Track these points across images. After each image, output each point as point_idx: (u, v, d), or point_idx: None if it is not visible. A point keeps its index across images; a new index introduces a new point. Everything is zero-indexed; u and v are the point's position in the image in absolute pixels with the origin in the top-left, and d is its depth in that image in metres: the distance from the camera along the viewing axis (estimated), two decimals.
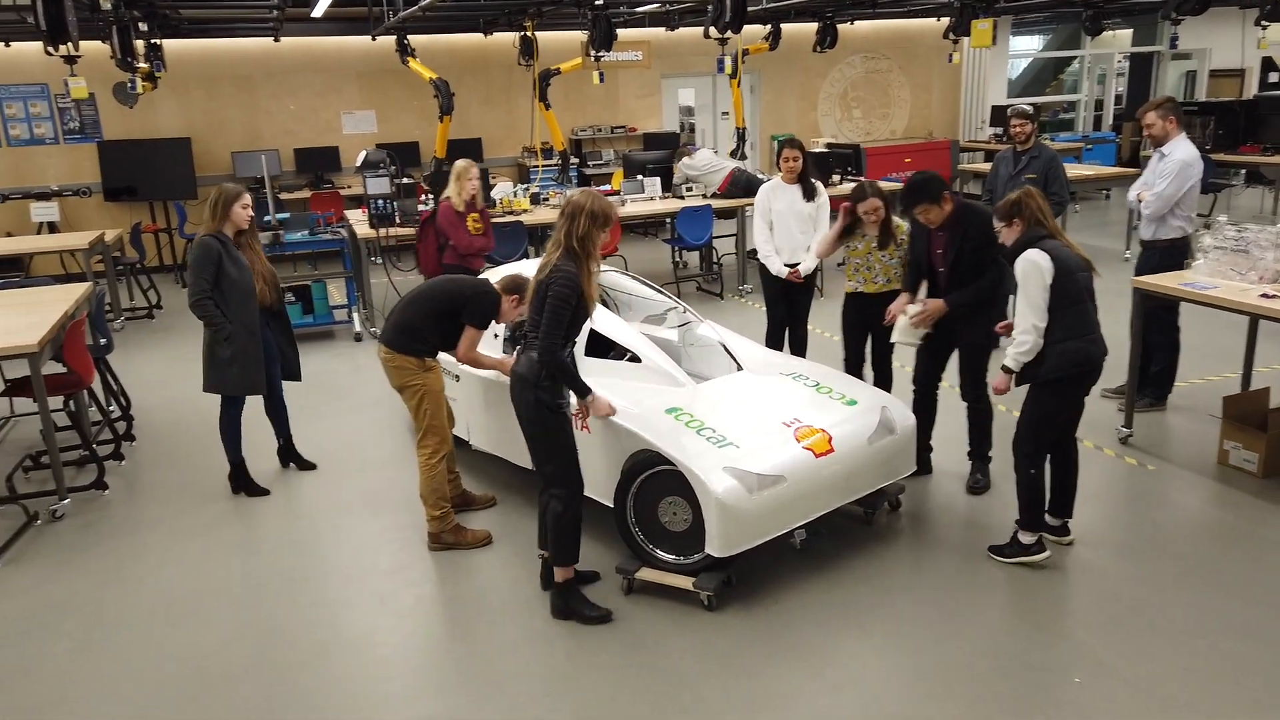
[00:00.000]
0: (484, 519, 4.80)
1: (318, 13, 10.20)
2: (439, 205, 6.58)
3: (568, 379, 3.80)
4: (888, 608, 3.91)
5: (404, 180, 8.70)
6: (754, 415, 4.29)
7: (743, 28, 6.74)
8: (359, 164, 9.12)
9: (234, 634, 3.92)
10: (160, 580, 4.37)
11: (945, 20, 10.26)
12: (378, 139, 12.20)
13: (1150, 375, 5.84)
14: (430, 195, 9.12)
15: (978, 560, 4.24)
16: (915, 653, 3.61)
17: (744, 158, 11.02)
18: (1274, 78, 15.46)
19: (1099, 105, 17.06)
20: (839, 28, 12.04)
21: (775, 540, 3.99)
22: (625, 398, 4.38)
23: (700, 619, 3.86)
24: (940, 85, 15.45)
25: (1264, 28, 9.96)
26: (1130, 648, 3.58)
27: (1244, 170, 12.60)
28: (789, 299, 6.03)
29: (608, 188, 10.35)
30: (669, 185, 9.82)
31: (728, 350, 5.00)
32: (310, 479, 5.43)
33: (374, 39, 11.51)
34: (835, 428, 4.23)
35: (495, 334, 5.02)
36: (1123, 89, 17.37)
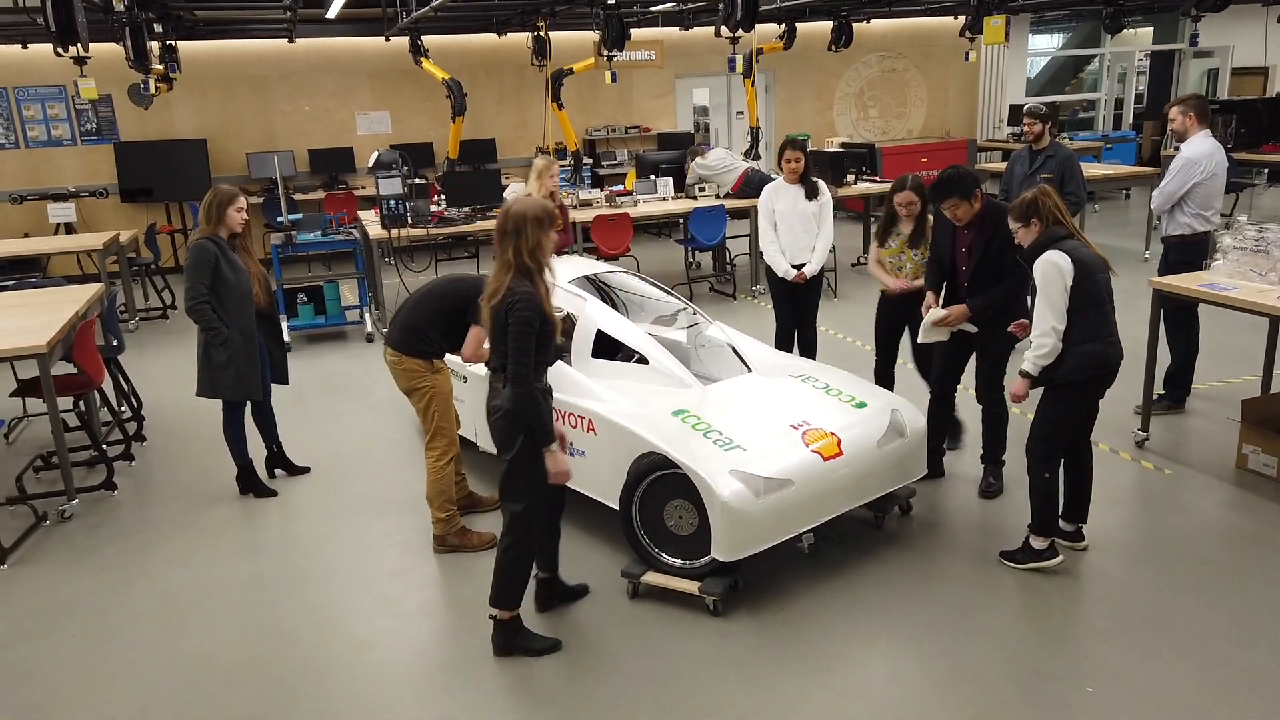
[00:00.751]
0: (490, 521, 4.77)
1: (332, 14, 10.21)
2: None
3: (535, 418, 3.43)
4: (897, 613, 3.85)
5: (416, 181, 8.71)
6: (762, 418, 4.24)
7: (754, 26, 6.69)
8: (371, 164, 9.13)
9: (237, 636, 3.90)
10: (165, 581, 4.37)
11: (962, 19, 10.16)
12: (392, 140, 12.22)
13: (1166, 374, 5.75)
14: (443, 196, 9.12)
15: (989, 566, 4.17)
16: (924, 660, 3.55)
17: (758, 157, 10.96)
18: None
19: (1119, 104, 16.87)
20: (854, 27, 11.96)
21: (783, 545, 3.94)
22: (632, 399, 4.35)
23: (706, 624, 3.82)
24: (957, 84, 15.33)
25: None
26: (1144, 656, 3.51)
27: (1266, 169, 12.43)
28: (795, 300, 5.99)
29: (620, 187, 10.33)
30: (682, 185, 9.78)
31: (736, 352, 4.95)
32: (317, 481, 5.42)
33: (388, 39, 11.53)
34: (844, 430, 4.17)
35: None
36: (1143, 87, 17.18)
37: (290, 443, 5.59)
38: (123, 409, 6.21)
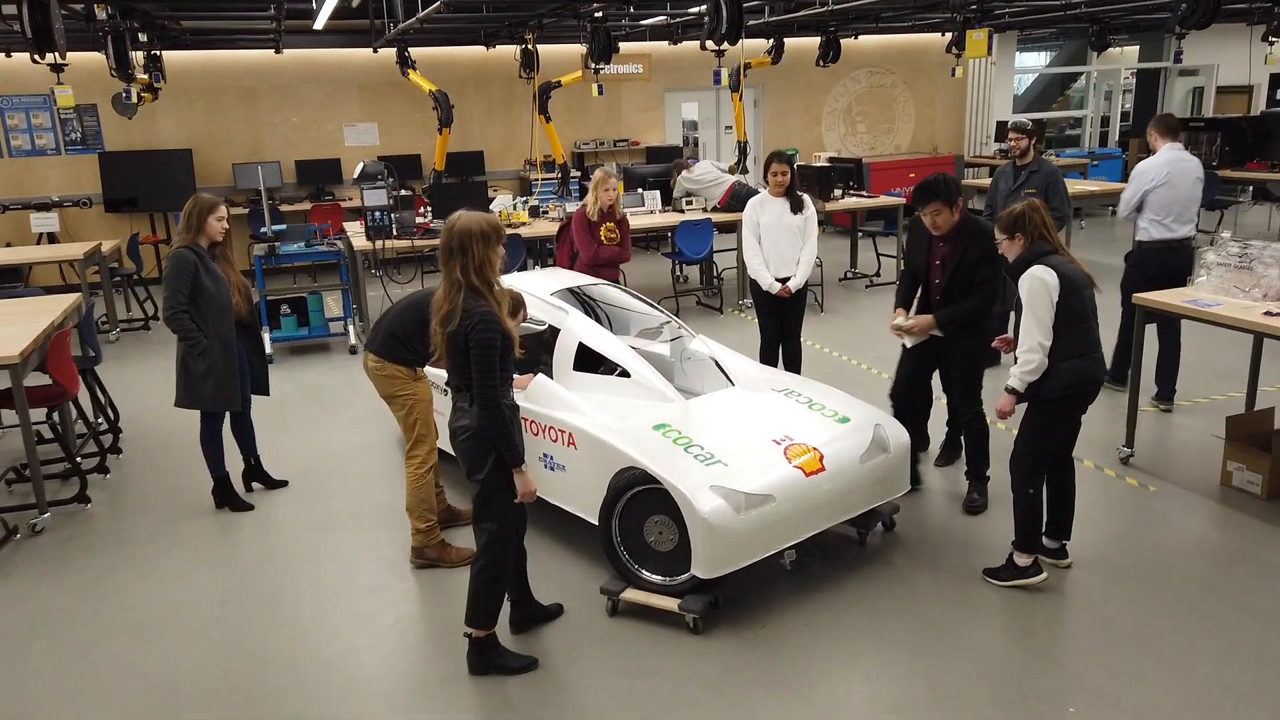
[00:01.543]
0: (468, 536, 4.69)
1: (319, 25, 10.18)
2: (574, 212, 6.65)
3: (504, 442, 3.35)
4: (879, 631, 3.80)
5: (402, 192, 8.66)
6: (744, 432, 4.20)
7: (740, 39, 6.68)
8: (356, 176, 9.07)
9: (206, 654, 3.82)
10: (135, 597, 4.28)
11: (949, 35, 10.20)
12: (380, 151, 12.18)
13: (1156, 368, 5.98)
14: (430, 208, 9.07)
15: (973, 583, 4.13)
16: (907, 678, 3.50)
17: (745, 171, 10.96)
18: None
19: (1105, 121, 16.97)
20: (843, 42, 12.00)
21: (765, 561, 3.89)
22: (613, 413, 4.30)
23: (686, 642, 3.76)
24: (945, 100, 15.39)
25: (1271, 44, 9.91)
26: (1128, 675, 3.47)
27: (1250, 186, 12.51)
28: (779, 314, 5.97)
29: None
30: (669, 199, 9.76)
31: (719, 366, 4.91)
32: (294, 494, 5.34)
33: (375, 51, 11.51)
34: (827, 446, 4.13)
35: None
36: (1129, 105, 17.29)
37: (269, 455, 5.51)
38: (99, 421, 6.12)
